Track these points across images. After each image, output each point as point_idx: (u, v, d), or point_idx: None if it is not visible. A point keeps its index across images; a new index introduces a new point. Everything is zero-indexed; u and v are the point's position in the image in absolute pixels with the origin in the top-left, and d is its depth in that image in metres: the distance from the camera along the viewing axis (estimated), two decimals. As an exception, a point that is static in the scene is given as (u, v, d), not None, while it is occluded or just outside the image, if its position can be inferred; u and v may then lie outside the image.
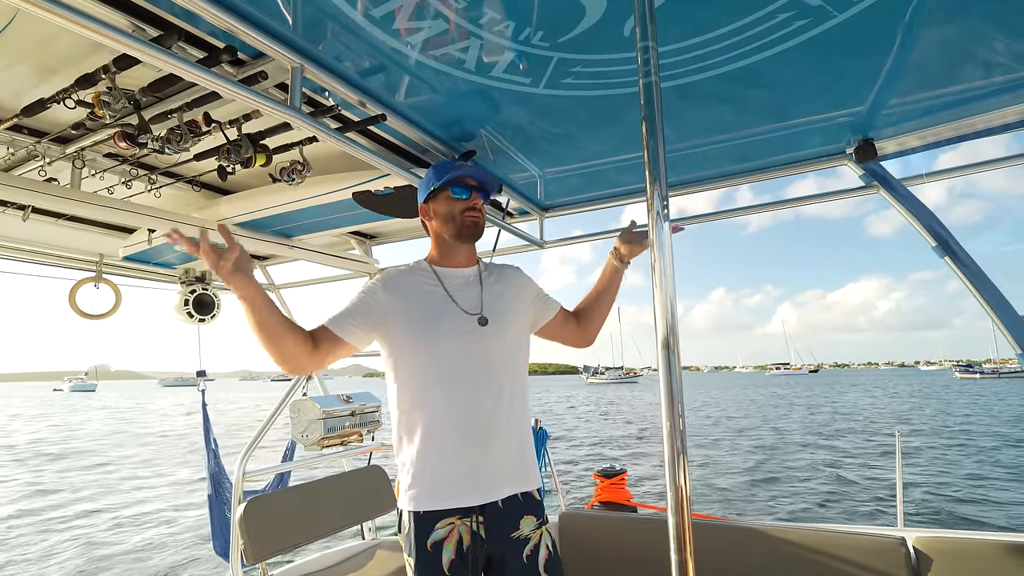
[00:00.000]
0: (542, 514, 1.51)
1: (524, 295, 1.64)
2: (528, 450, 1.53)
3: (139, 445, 18.45)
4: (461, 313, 1.47)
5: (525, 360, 1.60)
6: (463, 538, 1.36)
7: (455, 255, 1.59)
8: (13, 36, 1.40)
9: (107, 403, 47.66)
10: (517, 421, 1.50)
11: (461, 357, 1.43)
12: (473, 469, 1.39)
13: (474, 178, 1.58)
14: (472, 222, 1.55)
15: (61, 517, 9.12)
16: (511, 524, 1.43)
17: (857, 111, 1.76)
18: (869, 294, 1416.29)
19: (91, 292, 3.08)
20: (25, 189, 1.90)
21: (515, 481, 1.47)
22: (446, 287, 1.53)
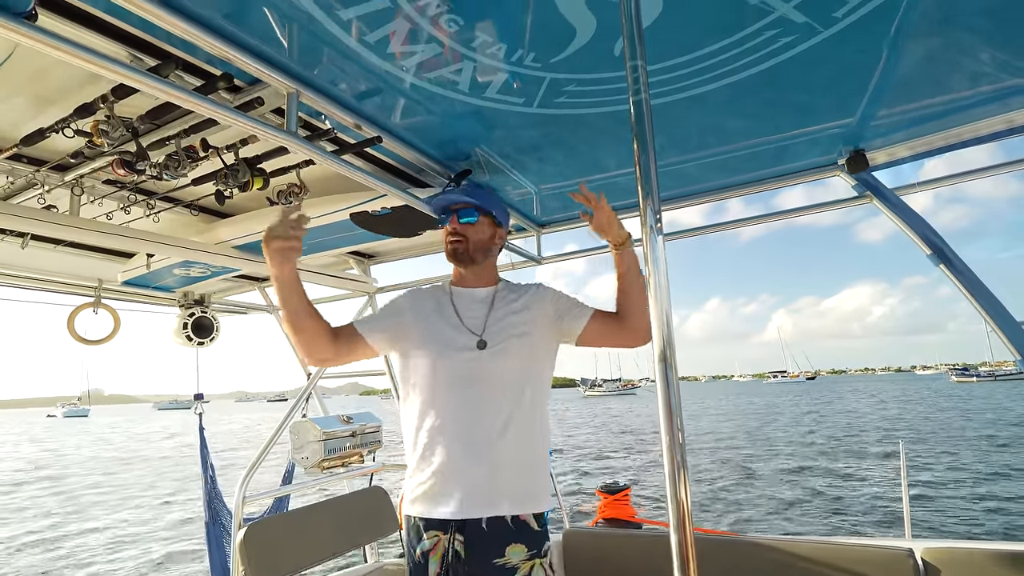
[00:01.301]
0: (538, 546, 1.42)
1: (539, 316, 1.57)
2: (530, 475, 1.47)
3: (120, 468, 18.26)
4: (465, 334, 1.52)
5: (536, 383, 1.53)
6: (448, 554, 1.39)
7: (464, 277, 1.64)
8: (12, 68, 1.42)
9: (96, 428, 47.30)
10: (515, 444, 1.45)
11: (457, 376, 1.48)
12: (454, 483, 1.41)
13: (452, 203, 1.61)
14: (451, 249, 1.60)
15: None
16: (495, 549, 1.38)
17: (847, 123, 1.78)
18: (863, 300, 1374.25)
19: (90, 317, 3.09)
20: (24, 217, 1.91)
21: (501, 503, 1.41)
22: (456, 307, 1.58)
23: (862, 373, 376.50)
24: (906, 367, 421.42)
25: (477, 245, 1.62)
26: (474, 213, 1.61)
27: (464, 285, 1.64)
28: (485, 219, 1.63)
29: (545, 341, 1.59)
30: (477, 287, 1.63)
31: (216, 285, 3.51)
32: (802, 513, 9.10)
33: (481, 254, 1.63)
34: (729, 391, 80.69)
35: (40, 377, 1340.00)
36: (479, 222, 1.62)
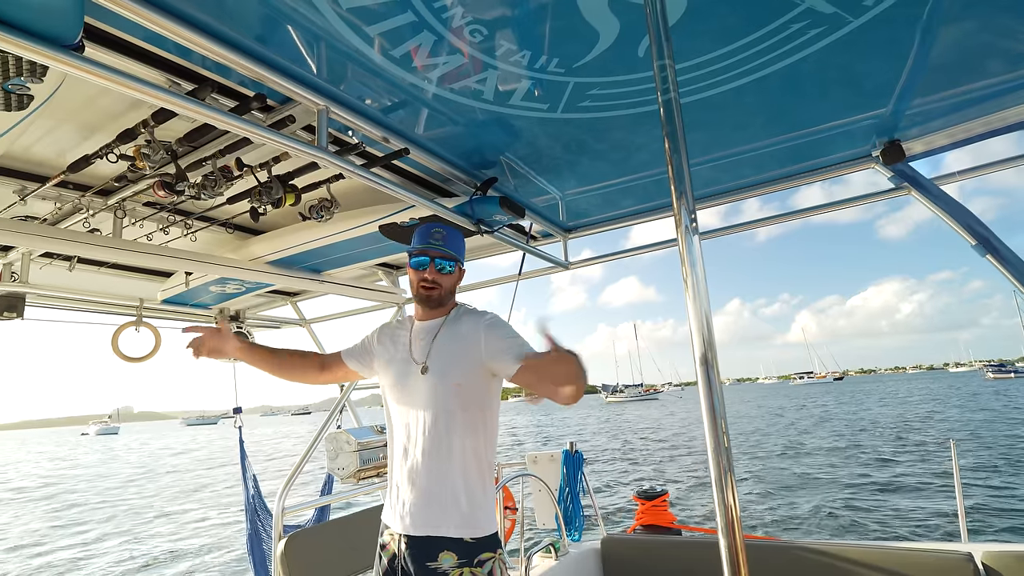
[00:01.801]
0: (469, 556, 1.48)
1: (473, 347, 1.57)
2: (465, 498, 1.51)
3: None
4: (411, 362, 1.63)
5: (478, 409, 1.56)
6: (396, 553, 1.54)
7: (422, 311, 1.72)
8: (59, 99, 1.49)
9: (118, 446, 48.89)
10: (456, 468, 1.52)
11: (407, 400, 1.60)
12: (398, 501, 1.56)
13: (436, 249, 1.64)
14: (425, 295, 1.66)
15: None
16: (429, 554, 1.49)
17: (880, 113, 1.73)
18: (890, 297, 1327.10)
19: (132, 336, 3.19)
20: (72, 241, 2.00)
21: (437, 526, 1.49)
22: (411, 338, 1.69)
23: (892, 372, 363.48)
24: (938, 365, 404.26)
25: (448, 290, 1.69)
26: (452, 263, 1.67)
27: (421, 319, 1.72)
28: (457, 266, 1.70)
29: (481, 370, 1.57)
30: (431, 319, 1.70)
31: (251, 301, 3.60)
32: (850, 521, 8.77)
33: (449, 295, 1.71)
34: (754, 394, 78.47)
35: (73, 396, 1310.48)
36: (454, 271, 1.69)
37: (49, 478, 23.55)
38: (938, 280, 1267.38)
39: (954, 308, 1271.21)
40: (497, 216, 2.13)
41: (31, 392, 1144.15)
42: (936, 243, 51.73)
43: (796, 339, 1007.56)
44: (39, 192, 1.96)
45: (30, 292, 2.59)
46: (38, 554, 10.15)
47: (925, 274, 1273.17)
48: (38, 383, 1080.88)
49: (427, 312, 1.70)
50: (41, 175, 1.95)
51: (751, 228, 2.42)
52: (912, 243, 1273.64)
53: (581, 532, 2.91)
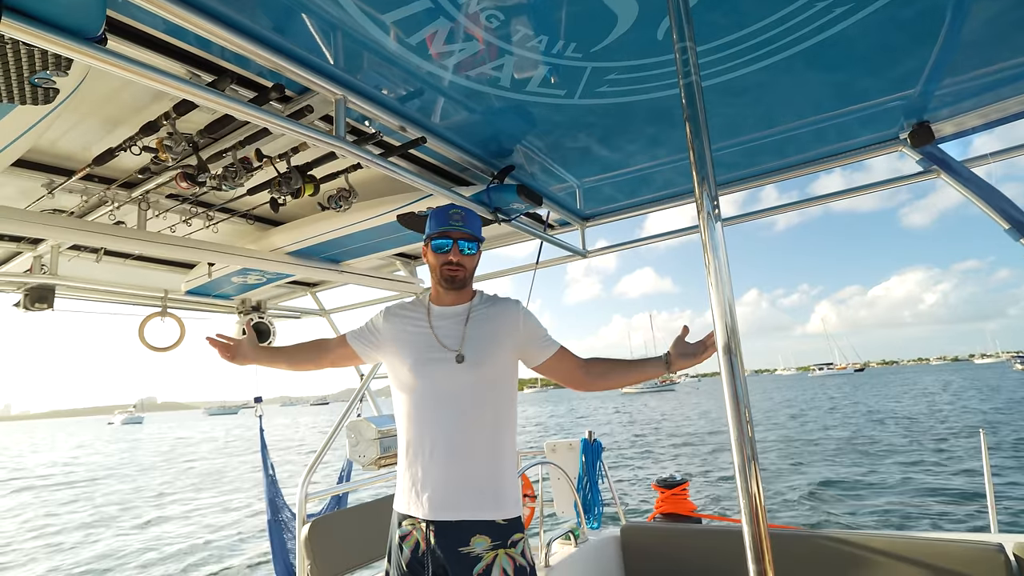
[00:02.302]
0: (503, 538, 1.48)
1: (511, 334, 1.63)
2: (496, 482, 1.53)
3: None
4: (440, 348, 1.59)
5: (505, 395, 1.61)
6: (419, 542, 1.51)
7: (444, 297, 1.69)
8: (83, 93, 1.51)
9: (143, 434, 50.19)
10: (481, 452, 1.52)
11: (434, 388, 1.56)
12: (424, 488, 1.52)
13: (458, 230, 1.63)
14: (449, 276, 1.63)
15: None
16: (461, 540, 1.47)
17: (909, 94, 1.68)
18: (913, 287, 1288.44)
19: (158, 326, 3.26)
20: (99, 233, 2.04)
21: (467, 509, 1.48)
22: (432, 324, 1.65)
23: (915, 363, 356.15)
24: (963, 356, 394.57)
25: (471, 272, 1.68)
26: (475, 244, 1.65)
27: (443, 303, 1.69)
28: (478, 247, 1.69)
29: (511, 357, 1.64)
30: (455, 304, 1.68)
31: (271, 291, 3.65)
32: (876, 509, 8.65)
33: (471, 278, 1.70)
34: (771, 386, 77.47)
35: (99, 386, 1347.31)
36: (476, 251, 1.68)
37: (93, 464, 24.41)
38: (963, 269, 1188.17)
39: (980, 298, 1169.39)
40: (515, 204, 2.12)
41: (59, 382, 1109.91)
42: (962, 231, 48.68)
43: (816, 330, 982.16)
44: (66, 185, 2.01)
45: (59, 284, 2.65)
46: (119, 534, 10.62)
47: (950, 263, 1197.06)
48: (65, 373, 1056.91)
49: (449, 296, 1.68)
50: (68, 169, 2.00)
51: (773, 214, 2.37)
52: (936, 231, 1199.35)
53: (600, 520, 2.92)
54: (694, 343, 1.60)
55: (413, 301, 1.77)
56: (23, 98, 1.16)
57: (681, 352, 1.60)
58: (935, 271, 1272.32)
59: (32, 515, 12.85)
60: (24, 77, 1.08)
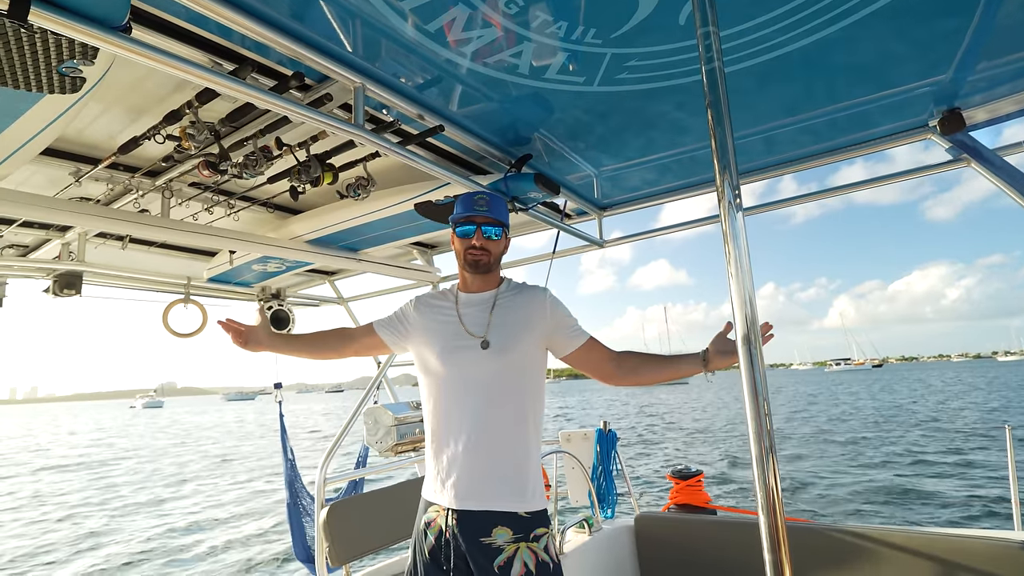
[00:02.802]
0: (524, 531, 1.46)
1: (538, 321, 1.59)
2: (521, 472, 1.50)
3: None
4: (466, 335, 1.57)
5: (533, 384, 1.58)
6: (442, 529, 1.50)
7: (470, 283, 1.67)
8: (108, 82, 1.53)
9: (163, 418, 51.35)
10: (509, 441, 1.50)
11: (460, 375, 1.55)
12: (448, 476, 1.51)
13: (482, 215, 1.60)
14: (474, 260, 1.61)
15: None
16: (482, 530, 1.45)
17: (939, 80, 1.63)
18: (935, 282, 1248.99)
19: (181, 312, 3.33)
20: (124, 220, 2.08)
21: (491, 499, 1.47)
22: (460, 311, 1.64)
23: (936, 360, 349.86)
24: (985, 353, 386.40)
25: (496, 257, 1.65)
26: (499, 228, 1.62)
27: (470, 290, 1.68)
28: (503, 232, 1.65)
29: (538, 344, 1.61)
30: (481, 291, 1.66)
31: (290, 279, 3.70)
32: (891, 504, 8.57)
33: (496, 264, 1.67)
34: (784, 380, 76.60)
35: (120, 370, 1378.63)
36: (501, 236, 1.64)
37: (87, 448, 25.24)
38: (988, 264, 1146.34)
39: (1005, 294, 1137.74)
40: (532, 193, 2.11)
41: (83, 366, 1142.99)
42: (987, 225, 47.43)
43: (833, 324, 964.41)
44: (92, 174, 2.05)
45: (87, 270, 2.72)
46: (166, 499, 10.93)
47: (974, 258, 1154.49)
48: (89, 357, 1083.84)
49: (476, 283, 1.66)
50: (94, 157, 2.04)
51: (796, 204, 2.33)
52: (960, 225, 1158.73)
53: (614, 509, 2.93)
54: (732, 339, 1.50)
55: (443, 291, 1.76)
56: (51, 87, 1.18)
57: (721, 349, 1.52)
58: (959, 266, 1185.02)
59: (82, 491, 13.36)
60: (52, 66, 1.10)
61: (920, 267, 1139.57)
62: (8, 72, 1.10)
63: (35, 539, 9.16)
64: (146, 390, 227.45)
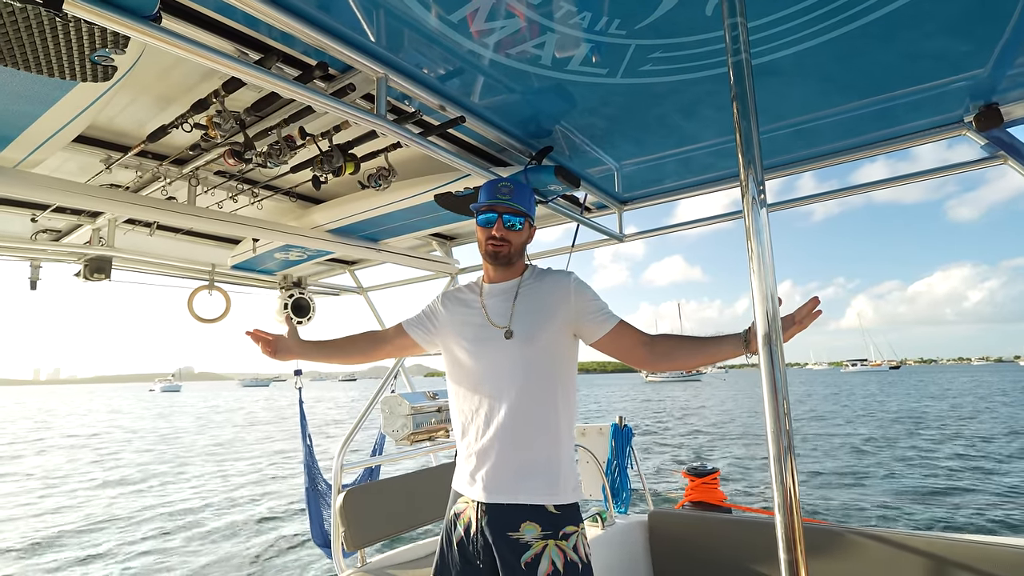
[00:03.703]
0: (554, 527, 1.42)
1: (562, 307, 1.55)
2: (551, 464, 1.47)
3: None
4: (490, 326, 1.56)
5: (562, 373, 1.54)
6: (471, 521, 1.48)
7: (493, 273, 1.66)
8: (138, 72, 1.57)
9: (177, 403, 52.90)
10: (535, 433, 1.47)
11: (486, 367, 1.53)
12: (477, 469, 1.50)
13: (503, 204, 1.56)
14: (493, 251, 1.58)
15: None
16: (510, 524, 1.43)
17: (976, 74, 1.57)
18: (957, 283, 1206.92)
19: (205, 299, 3.40)
20: (151, 207, 2.13)
21: (520, 493, 1.44)
22: (484, 302, 1.62)
23: (955, 363, 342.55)
24: (1007, 357, 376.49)
25: (517, 248, 1.62)
26: (520, 218, 1.58)
27: (493, 280, 1.66)
28: (526, 222, 1.61)
29: (565, 331, 1.56)
30: (505, 280, 1.64)
31: (311, 268, 3.75)
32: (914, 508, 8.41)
33: (518, 255, 1.64)
34: (801, 380, 75.78)
35: (141, 354, 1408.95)
36: (523, 227, 1.60)
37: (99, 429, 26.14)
38: (1013, 266, 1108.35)
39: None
40: (552, 186, 2.10)
41: (104, 349, 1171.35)
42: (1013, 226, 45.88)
43: (851, 325, 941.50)
44: (122, 161, 2.10)
45: (116, 256, 2.79)
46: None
47: (998, 259, 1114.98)
48: (110, 341, 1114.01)
49: (499, 273, 1.64)
50: (124, 145, 2.09)
51: (821, 200, 2.28)
52: (985, 226, 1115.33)
53: (628, 504, 2.93)
54: (782, 317, 1.42)
55: (469, 283, 1.74)
56: (84, 75, 1.21)
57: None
58: (982, 267, 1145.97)
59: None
60: (85, 55, 1.13)
61: (942, 268, 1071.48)
62: (44, 60, 1.13)
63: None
64: (164, 374, 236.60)
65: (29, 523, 8.99)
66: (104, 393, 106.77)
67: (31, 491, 11.55)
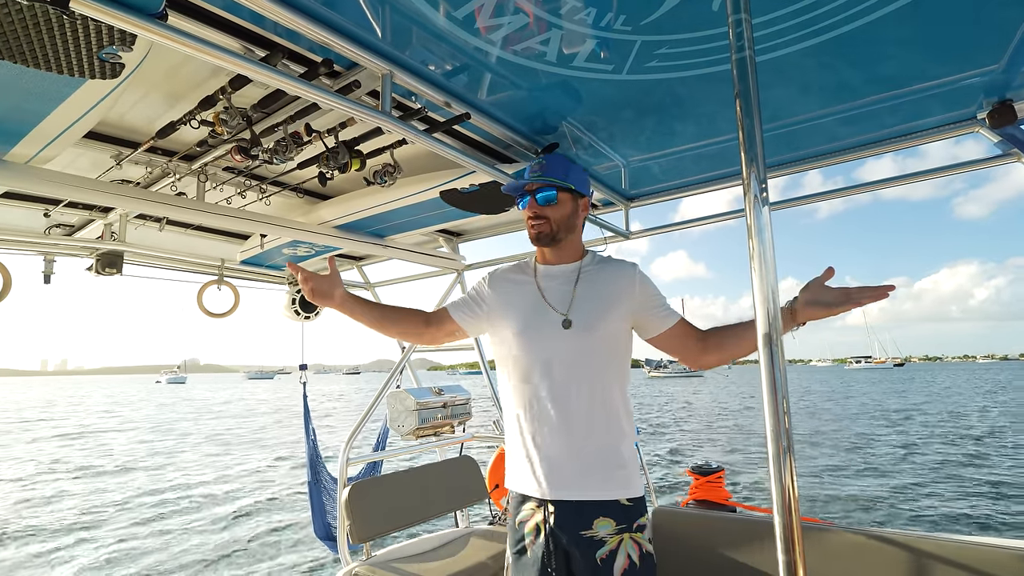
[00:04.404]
0: (628, 521, 1.39)
1: (625, 299, 1.50)
2: (615, 456, 1.42)
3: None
4: (549, 311, 1.48)
5: (619, 364, 1.49)
6: (540, 525, 1.41)
7: (548, 255, 1.59)
8: (146, 69, 1.58)
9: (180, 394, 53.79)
10: (598, 424, 1.42)
11: (542, 354, 1.46)
12: (540, 465, 1.42)
13: (533, 180, 1.53)
14: (535, 233, 1.54)
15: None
16: (583, 522, 1.37)
17: (991, 70, 1.55)
18: (964, 281, 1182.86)
19: (214, 293, 3.44)
20: (161, 203, 2.16)
21: (589, 488, 1.39)
22: (540, 285, 1.55)
23: (960, 360, 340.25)
24: (1012, 355, 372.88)
25: (560, 224, 1.55)
26: (552, 191, 1.54)
27: (548, 263, 1.59)
28: (565, 195, 1.55)
29: (625, 323, 1.51)
30: (562, 263, 1.57)
31: (319, 264, 3.77)
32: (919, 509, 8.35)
33: (565, 231, 1.56)
34: (804, 378, 75.74)
35: (147, 346, 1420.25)
36: (559, 200, 1.54)
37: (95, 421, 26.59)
38: (1021, 264, 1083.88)
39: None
40: (557, 183, 2.09)
41: (111, 340, 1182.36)
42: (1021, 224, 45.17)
43: (856, 322, 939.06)
44: (132, 157, 2.12)
45: (127, 250, 2.83)
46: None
47: (1006, 257, 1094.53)
48: (117, 332, 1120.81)
49: (554, 254, 1.57)
50: (134, 141, 2.11)
51: (826, 199, 2.26)
52: (993, 223, 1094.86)
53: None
54: (834, 289, 1.28)
55: (519, 264, 1.67)
56: (92, 72, 1.22)
57: (814, 299, 1.29)
58: (989, 265, 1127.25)
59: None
60: (93, 52, 1.14)
61: (949, 265, 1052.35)
62: (52, 57, 1.14)
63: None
64: (170, 366, 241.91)
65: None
66: (109, 384, 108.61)
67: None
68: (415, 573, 2.32)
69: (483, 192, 2.36)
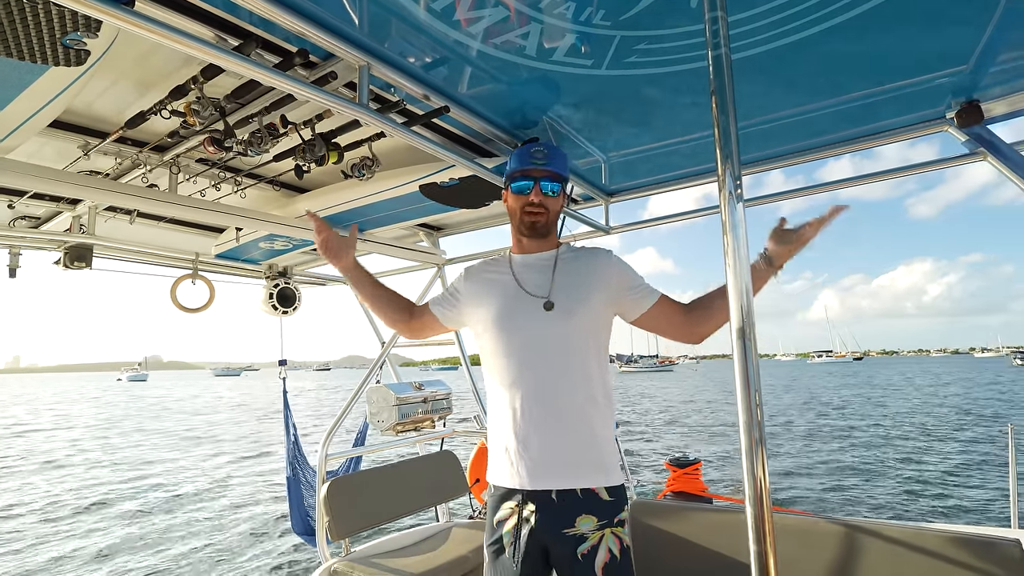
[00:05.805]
0: (608, 516, 1.38)
1: (604, 281, 1.49)
2: (597, 444, 1.42)
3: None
4: (527, 297, 1.47)
5: (599, 349, 1.48)
6: (519, 524, 1.39)
7: (526, 244, 1.58)
8: (115, 56, 1.54)
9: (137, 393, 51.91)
10: (581, 410, 1.41)
11: (524, 340, 1.45)
12: (522, 453, 1.40)
13: (540, 168, 1.50)
14: (530, 221, 1.51)
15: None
16: (565, 520, 1.37)
17: (959, 70, 1.59)
18: (918, 278, 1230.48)
19: (189, 288, 3.36)
20: (132, 195, 2.10)
21: (570, 475, 1.38)
22: (516, 274, 1.54)
23: (915, 355, 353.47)
24: (963, 349, 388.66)
25: (554, 216, 1.55)
26: (558, 184, 1.52)
27: (526, 252, 1.58)
28: (563, 188, 1.55)
29: (605, 308, 1.51)
30: (538, 252, 1.57)
31: (297, 258, 3.72)
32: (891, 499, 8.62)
33: (554, 224, 1.58)
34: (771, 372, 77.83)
35: (107, 342, 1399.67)
36: (560, 193, 1.54)
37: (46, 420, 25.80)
38: (969, 262, 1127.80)
39: (985, 292, 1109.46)
40: (537, 178, 2.09)
41: (68, 337, 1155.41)
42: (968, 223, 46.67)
43: (817, 317, 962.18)
44: (100, 148, 2.06)
45: (97, 244, 2.75)
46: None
47: (956, 255, 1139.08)
48: (74, 328, 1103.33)
49: (533, 244, 1.55)
50: (102, 131, 2.05)
51: (799, 196, 2.30)
52: (943, 223, 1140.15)
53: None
54: (794, 229, 1.37)
55: (494, 259, 1.65)
56: (55, 59, 1.18)
57: (781, 242, 1.37)
58: (942, 263, 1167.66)
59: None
60: (56, 38, 1.10)
61: (905, 262, 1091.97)
62: (12, 43, 1.10)
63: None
64: (131, 363, 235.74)
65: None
66: (60, 382, 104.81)
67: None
68: (395, 568, 2.31)
69: (463, 186, 2.34)
